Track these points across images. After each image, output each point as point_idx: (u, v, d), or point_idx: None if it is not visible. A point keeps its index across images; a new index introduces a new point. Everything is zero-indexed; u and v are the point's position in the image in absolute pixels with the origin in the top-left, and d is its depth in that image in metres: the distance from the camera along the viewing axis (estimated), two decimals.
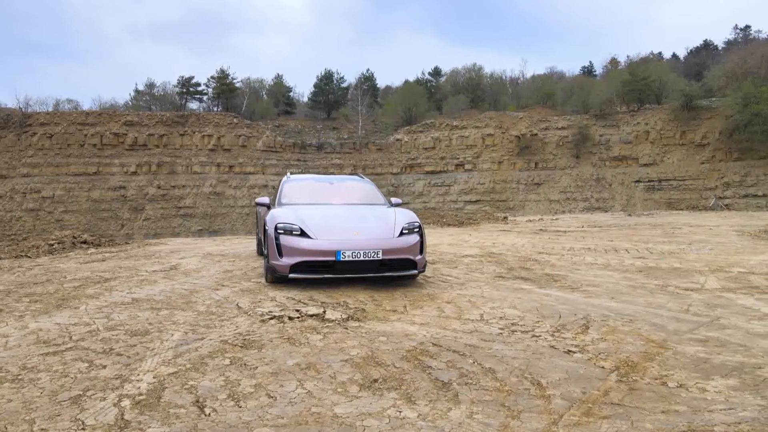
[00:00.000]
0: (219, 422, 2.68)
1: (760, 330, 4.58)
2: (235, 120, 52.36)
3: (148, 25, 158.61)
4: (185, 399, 2.94)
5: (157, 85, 58.28)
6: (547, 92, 61.58)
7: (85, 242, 9.97)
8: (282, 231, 5.73)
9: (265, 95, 63.87)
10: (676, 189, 41.57)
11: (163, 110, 53.73)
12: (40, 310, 4.78)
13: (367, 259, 5.60)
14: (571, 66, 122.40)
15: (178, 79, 55.88)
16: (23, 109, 49.22)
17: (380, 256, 5.65)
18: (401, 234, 5.94)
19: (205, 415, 2.75)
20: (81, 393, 3.00)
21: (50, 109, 51.07)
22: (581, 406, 2.99)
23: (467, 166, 55.19)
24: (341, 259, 5.54)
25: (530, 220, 20.06)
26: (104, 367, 3.41)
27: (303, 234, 5.69)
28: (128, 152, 48.07)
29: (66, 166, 46.19)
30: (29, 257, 8.36)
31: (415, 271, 5.96)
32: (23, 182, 45.27)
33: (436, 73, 70.55)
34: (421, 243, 6.06)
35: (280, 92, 62.55)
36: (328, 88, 62.73)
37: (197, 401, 2.92)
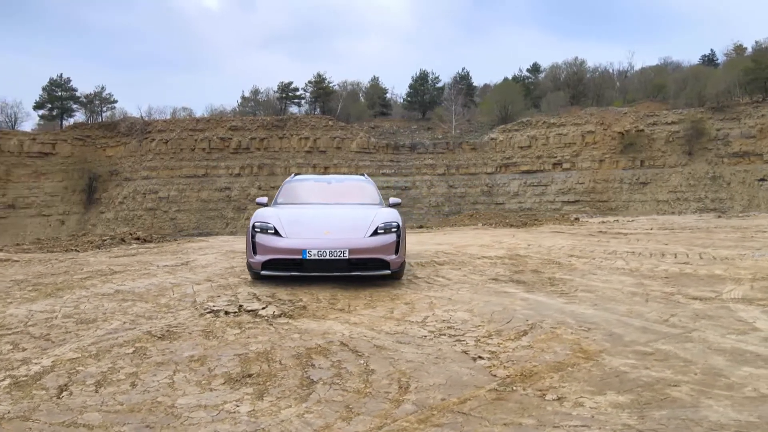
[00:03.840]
0: (61, 404, 2.92)
1: (725, 346, 4.10)
2: (330, 122, 54.14)
3: (257, 36, 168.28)
4: (57, 382, 3.22)
5: (261, 91, 61.68)
6: (657, 84, 57.31)
7: (137, 239, 10.96)
8: (258, 230, 5.96)
9: (362, 97, 65.39)
10: None
11: (266, 115, 56.75)
12: (31, 298, 5.37)
13: (333, 258, 5.68)
14: (688, 55, 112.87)
15: (278, 85, 58.70)
16: (145, 118, 54.27)
17: (347, 256, 5.69)
18: (375, 234, 5.95)
19: (57, 398, 3.01)
20: None
21: (167, 117, 55.81)
22: (424, 413, 2.91)
23: (565, 165, 53.00)
24: (307, 257, 5.66)
25: (603, 221, 18.87)
26: (24, 350, 3.80)
27: (276, 233, 5.88)
28: (233, 155, 51.36)
29: (179, 169, 50.29)
30: (77, 251, 9.36)
31: (388, 271, 5.93)
32: (143, 184, 49.90)
33: (535, 69, 68.29)
34: (397, 243, 6.02)
35: (376, 94, 63.70)
36: (423, 88, 62.91)
37: (64, 385, 3.18)
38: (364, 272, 5.87)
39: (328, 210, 6.59)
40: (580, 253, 9.38)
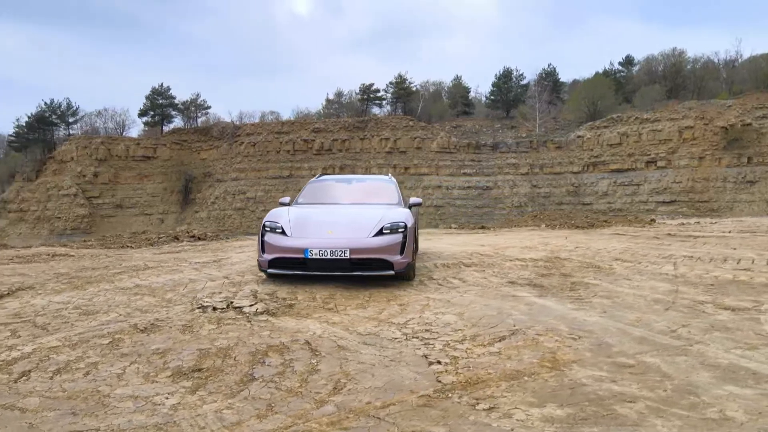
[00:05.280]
0: (13, 388, 3.17)
1: (722, 361, 3.73)
2: (410, 122, 54.28)
3: (345, 39, 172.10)
4: (23, 368, 3.50)
5: (344, 93, 63.02)
6: None
7: (192, 236, 11.60)
8: (268, 229, 6.12)
9: (444, 97, 65.01)
10: None
11: (348, 117, 57.94)
12: (59, 290, 5.85)
13: (335, 257, 5.71)
14: None
15: (360, 87, 59.66)
16: (235, 122, 57.19)
17: (348, 255, 5.71)
18: (379, 234, 5.91)
19: (15, 382, 3.27)
20: None
21: (256, 121, 58.46)
22: (339, 416, 2.89)
23: (660, 163, 49.86)
24: (309, 256, 5.73)
25: (682, 223, 17.52)
26: (19, 337, 4.16)
27: (283, 232, 6.01)
28: (315, 156, 52.86)
29: (265, 170, 52.53)
30: (131, 247, 10.06)
31: (391, 272, 5.87)
32: (233, 185, 52.60)
33: (628, 62, 64.61)
34: (403, 244, 5.95)
35: (458, 93, 63.07)
36: (506, 86, 61.50)
37: (28, 371, 3.45)
38: (367, 272, 5.86)
39: (337, 210, 6.64)
40: (629, 257, 8.80)
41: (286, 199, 7.31)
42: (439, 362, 3.69)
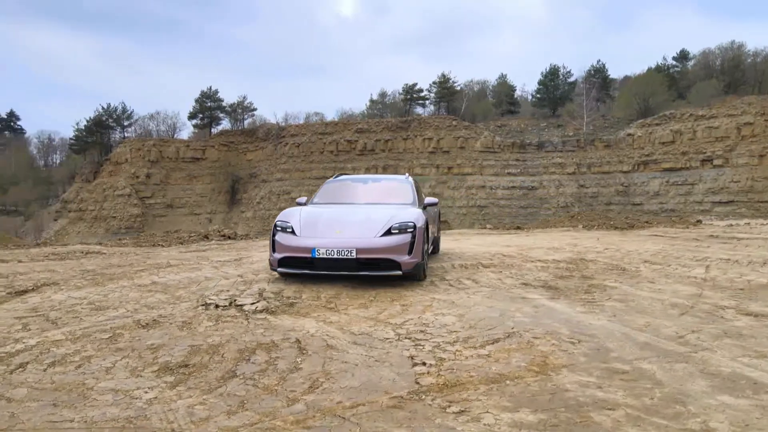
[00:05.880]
0: (7, 379, 3.33)
1: (724, 370, 3.55)
2: (454, 122, 53.91)
3: (390, 39, 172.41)
4: (22, 360, 3.66)
5: (388, 93, 63.18)
6: None
7: (223, 235, 11.88)
8: (279, 228, 6.20)
9: (489, 96, 64.23)
10: None
11: (392, 117, 58.03)
12: (81, 286, 6.10)
13: (341, 257, 5.73)
14: None
15: (403, 87, 59.69)
16: (280, 124, 58.23)
17: (354, 255, 5.71)
18: (387, 234, 5.89)
19: (10, 373, 3.43)
20: None
21: (300, 122, 59.37)
22: (307, 415, 2.90)
23: (716, 162, 47.81)
24: (316, 256, 5.77)
25: (730, 225, 16.68)
26: (28, 330, 4.36)
27: (292, 231, 6.08)
28: (359, 157, 53.23)
29: (309, 171, 53.26)
30: (162, 246, 10.37)
31: (399, 272, 5.84)
32: (278, 185, 53.57)
33: (683, 56, 62.10)
34: (411, 244, 5.91)
35: (503, 92, 62.21)
36: (553, 84, 60.23)
37: (26, 362, 3.61)
38: (374, 272, 5.85)
39: (347, 210, 6.65)
40: (659, 259, 8.46)
41: (303, 199, 7.40)
42: (424, 363, 3.65)
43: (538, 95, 60.12)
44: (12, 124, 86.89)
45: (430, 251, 8.00)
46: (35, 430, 2.72)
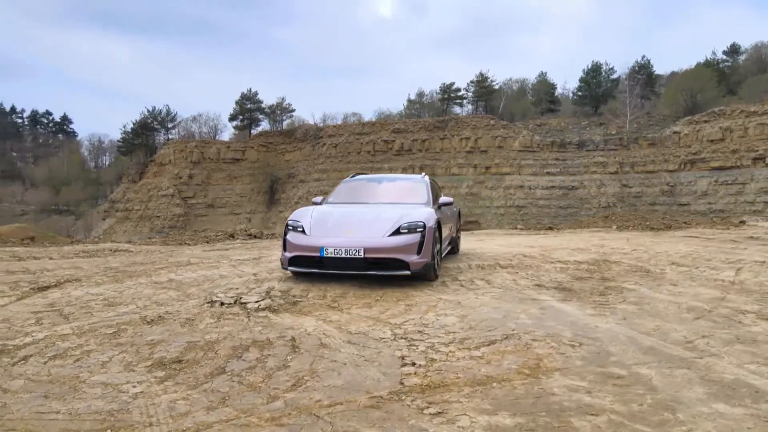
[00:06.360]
0: (8, 370, 3.47)
1: (727, 377, 3.42)
2: (491, 121, 53.28)
3: (430, 39, 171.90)
4: (27, 352, 3.81)
5: (426, 93, 62.97)
6: None
7: (250, 235, 12.07)
8: (291, 228, 6.26)
9: (529, 94, 63.20)
10: None
11: (430, 116, 57.79)
12: (101, 282, 6.30)
13: (349, 256, 5.74)
14: None
15: (440, 86, 59.34)
16: (318, 124, 58.82)
17: (362, 255, 5.71)
18: (396, 233, 5.87)
19: (12, 365, 3.57)
20: None
21: (338, 123, 59.81)
22: (283, 412, 2.93)
23: None
24: (325, 255, 5.80)
25: None
26: (41, 324, 4.53)
27: (303, 231, 6.12)
28: (395, 157, 53.21)
29: (346, 171, 53.46)
30: (188, 244, 10.61)
31: (407, 272, 5.81)
32: (315, 186, 54.05)
33: (734, 51, 59.61)
34: (421, 244, 5.87)
35: (542, 90, 61.12)
36: (595, 81, 58.73)
37: (29, 355, 3.76)
38: (382, 272, 5.84)
39: (358, 210, 6.65)
40: (688, 261, 8.14)
41: (319, 199, 7.45)
42: (413, 364, 3.62)
43: (580, 93, 58.75)
44: (65, 127, 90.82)
45: (446, 251, 7.93)
46: (22, 420, 2.83)
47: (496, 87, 59.61)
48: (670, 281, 6.60)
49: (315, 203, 7.31)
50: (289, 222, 6.36)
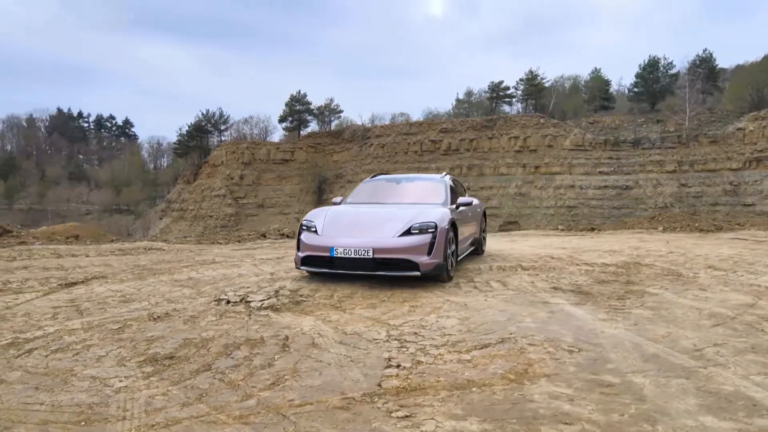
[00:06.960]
0: (10, 362, 3.65)
1: (727, 389, 3.22)
2: (541, 120, 52.17)
3: (480, 37, 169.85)
4: (34, 345, 4.00)
5: (475, 92, 62.32)
6: None
7: (282, 234, 12.25)
8: (305, 228, 6.32)
9: (581, 92, 61.48)
10: None
11: (478, 116, 57.13)
12: (125, 279, 6.55)
13: (358, 257, 5.74)
14: None
15: (489, 85, 58.56)
16: (366, 125, 59.19)
17: (371, 255, 5.70)
18: (406, 234, 5.83)
19: (16, 357, 3.76)
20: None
21: (386, 123, 59.99)
22: (253, 410, 2.97)
23: None
24: (335, 255, 5.82)
25: None
26: (56, 318, 4.75)
27: (315, 231, 6.17)
28: (443, 156, 52.91)
29: (393, 171, 53.61)
30: (220, 244, 10.87)
31: (417, 273, 5.75)
32: None
33: None
34: (431, 244, 5.80)
35: (596, 87, 59.33)
36: (652, 76, 56.53)
37: (35, 348, 3.94)
38: (392, 272, 5.81)
39: (372, 210, 6.64)
40: (727, 265, 7.71)
41: (338, 199, 7.48)
42: (398, 366, 3.58)
43: (636, 89, 56.69)
44: (127, 130, 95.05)
45: (468, 252, 7.81)
46: (8, 410, 2.97)
47: (547, 85, 58.28)
48: (699, 286, 6.27)
49: (335, 203, 7.35)
50: (303, 222, 6.42)
